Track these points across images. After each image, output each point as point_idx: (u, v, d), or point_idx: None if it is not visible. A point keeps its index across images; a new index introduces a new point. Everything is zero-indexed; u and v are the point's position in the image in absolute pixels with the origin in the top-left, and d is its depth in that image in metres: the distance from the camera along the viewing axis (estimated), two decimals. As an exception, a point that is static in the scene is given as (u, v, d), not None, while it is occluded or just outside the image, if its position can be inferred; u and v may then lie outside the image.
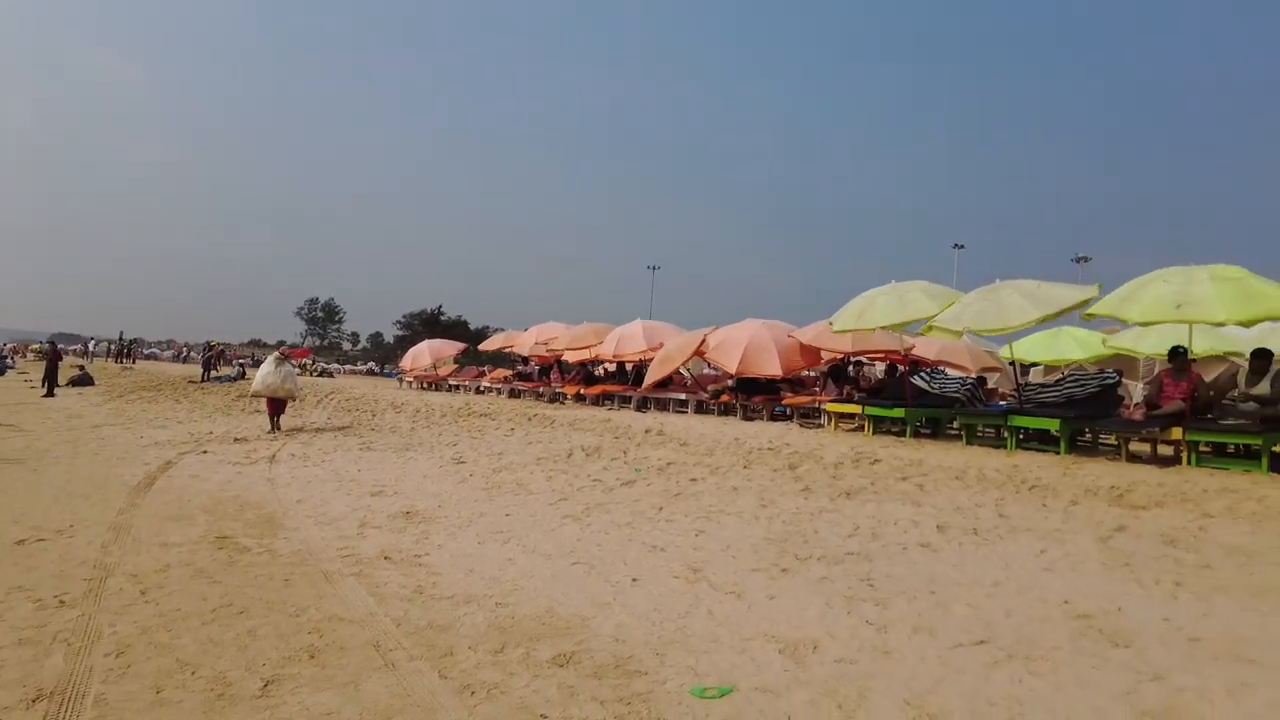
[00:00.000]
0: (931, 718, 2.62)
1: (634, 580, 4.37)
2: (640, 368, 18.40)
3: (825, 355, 15.27)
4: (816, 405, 13.84)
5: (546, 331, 22.35)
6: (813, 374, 16.94)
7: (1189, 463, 7.88)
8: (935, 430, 11.51)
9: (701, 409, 15.68)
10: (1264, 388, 7.96)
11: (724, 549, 5.04)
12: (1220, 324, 7.79)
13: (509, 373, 24.35)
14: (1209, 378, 9.47)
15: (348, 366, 58.28)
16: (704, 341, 16.31)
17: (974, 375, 14.05)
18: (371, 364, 64.64)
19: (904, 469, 7.75)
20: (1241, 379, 8.36)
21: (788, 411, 14.33)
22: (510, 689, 2.90)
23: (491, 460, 9.09)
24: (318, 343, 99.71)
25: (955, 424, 11.09)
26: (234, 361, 38.48)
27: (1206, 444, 8.39)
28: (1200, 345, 10.65)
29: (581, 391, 18.60)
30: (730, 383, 15.61)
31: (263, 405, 13.30)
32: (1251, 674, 2.99)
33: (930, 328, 10.54)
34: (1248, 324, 7.87)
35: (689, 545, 5.16)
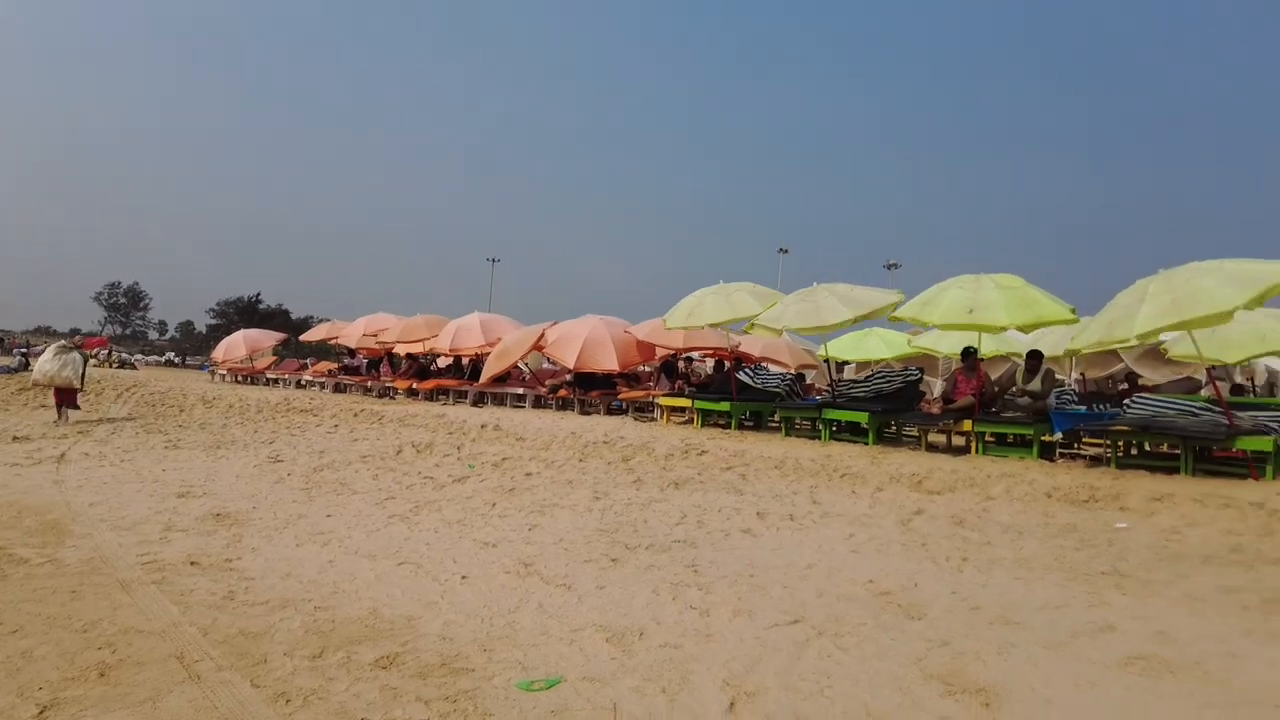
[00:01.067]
0: (749, 695, 2.77)
1: (463, 578, 4.30)
2: (477, 362, 18.05)
3: (659, 351, 15.69)
4: (650, 399, 14.19)
5: (376, 323, 21.37)
6: (647, 369, 17.34)
7: (977, 451, 8.78)
8: (758, 423, 12.13)
9: (539, 404, 15.64)
10: (1036, 385, 9.02)
11: (556, 542, 5.07)
12: (1003, 328, 8.76)
13: (334, 366, 23.09)
14: (994, 376, 10.61)
15: (153, 358, 53.12)
16: (542, 336, 16.28)
17: (793, 371, 14.90)
18: (171, 354, 59.33)
19: (729, 460, 8.11)
20: (1019, 377, 9.42)
21: (623, 406, 14.59)
22: (329, 694, 2.78)
23: (312, 459, 8.62)
24: (119, 331, 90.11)
25: (776, 417, 11.74)
26: (13, 350, 33.99)
27: (991, 434, 9.37)
28: (987, 347, 11.88)
29: (414, 386, 18.00)
30: (568, 377, 15.66)
31: (50, 398, 12.00)
32: (1016, 635, 3.40)
33: (754, 326, 11.11)
34: (1025, 329, 8.90)
35: (521, 540, 5.14)
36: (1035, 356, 9.29)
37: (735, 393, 11.55)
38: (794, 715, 2.62)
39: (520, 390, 16.43)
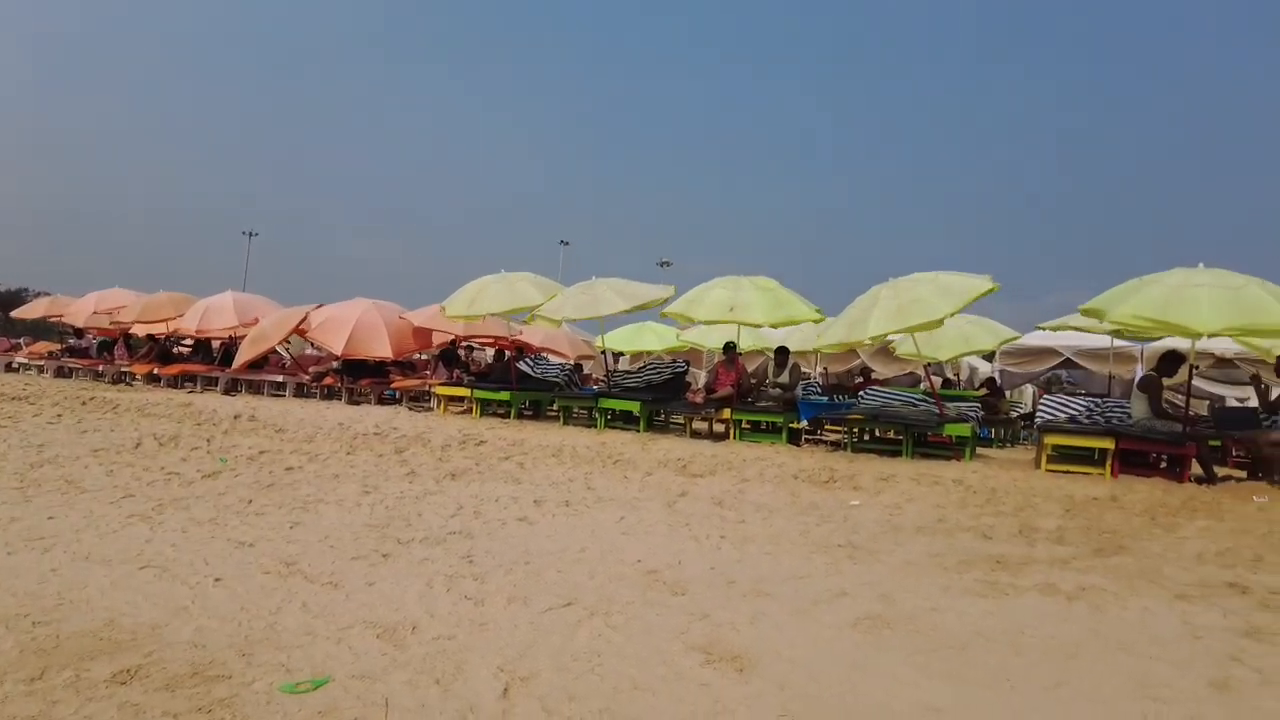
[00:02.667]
0: (523, 679, 2.84)
1: (217, 580, 3.97)
2: (230, 346, 16.49)
3: (437, 338, 15.29)
4: (427, 389, 13.81)
5: (110, 299, 18.82)
6: (424, 357, 16.85)
7: (735, 437, 9.51)
8: (537, 412, 12.26)
9: (302, 392, 14.65)
10: (784, 378, 9.95)
11: (322, 539, 4.82)
12: (760, 325, 9.56)
13: (56, 347, 20.02)
14: (751, 369, 11.52)
15: None
16: (305, 319, 15.24)
17: (572, 362, 15.20)
18: None
19: (507, 449, 8.14)
20: (770, 370, 10.33)
21: (397, 395, 14.07)
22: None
23: (28, 454, 7.47)
24: None
25: (555, 406, 11.93)
26: None
27: (748, 422, 10.19)
28: (745, 342, 12.87)
29: (155, 371, 16.12)
30: (335, 365, 14.81)
31: None
32: (766, 605, 3.77)
33: (535, 316, 11.21)
34: (778, 326, 9.78)
35: (283, 539, 4.83)
36: (782, 352, 10.25)
37: (515, 382, 11.57)
38: (566, 694, 2.72)
39: (280, 378, 15.29)
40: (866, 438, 9.92)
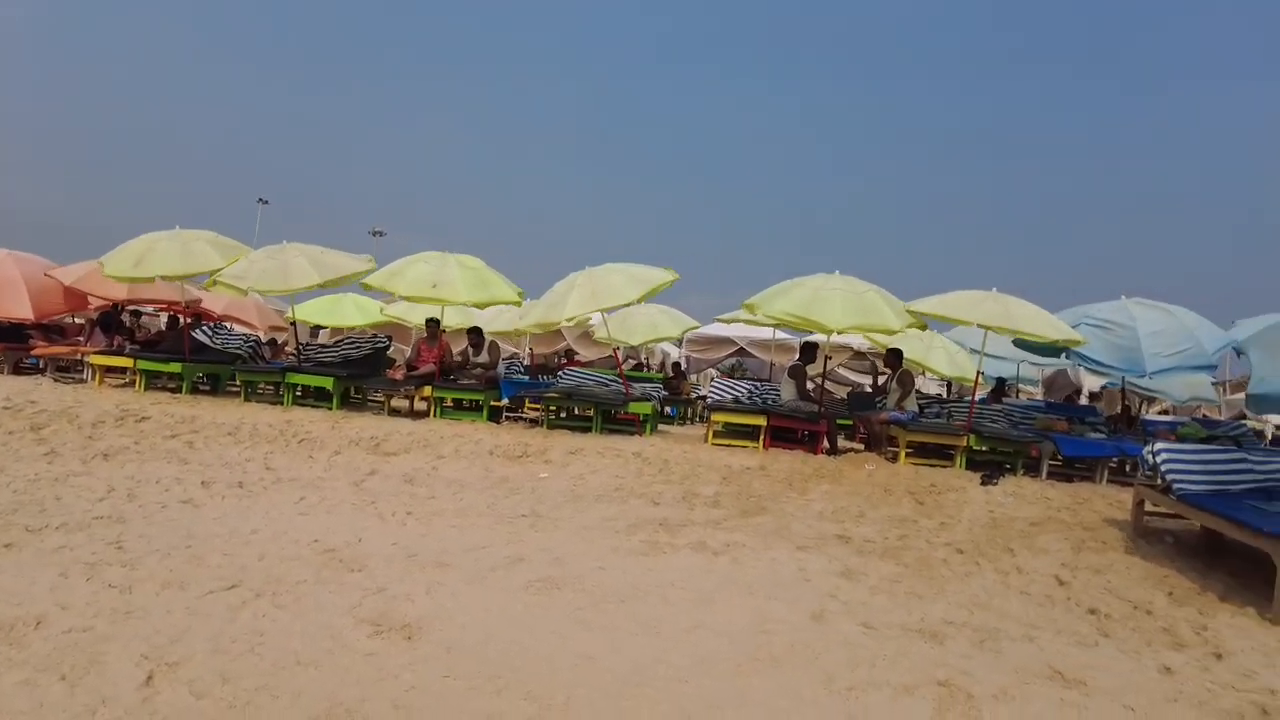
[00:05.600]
0: (171, 665, 2.70)
1: None
2: None
3: (94, 301, 13.19)
4: (79, 357, 11.94)
5: None
6: (78, 320, 14.46)
7: (435, 415, 9.48)
8: (215, 386, 11.16)
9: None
10: (484, 357, 10.13)
11: (-84, 532, 4.08)
12: (463, 304, 9.60)
13: None
14: (457, 348, 11.51)
15: None
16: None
17: (260, 332, 14.03)
18: None
19: (175, 426, 7.38)
20: (470, 351, 10.44)
21: (40, 363, 12.01)
22: None
23: None
24: None
25: (237, 380, 10.95)
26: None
27: (451, 400, 10.20)
28: (451, 320, 12.82)
29: None
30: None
31: None
32: (445, 575, 3.91)
33: (215, 282, 10.18)
34: (481, 306, 9.89)
35: None
36: (475, 332, 10.44)
37: (188, 353, 10.43)
38: (219, 676, 2.65)
39: None
40: (563, 415, 10.42)
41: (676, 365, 17.13)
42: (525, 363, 13.69)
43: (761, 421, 8.96)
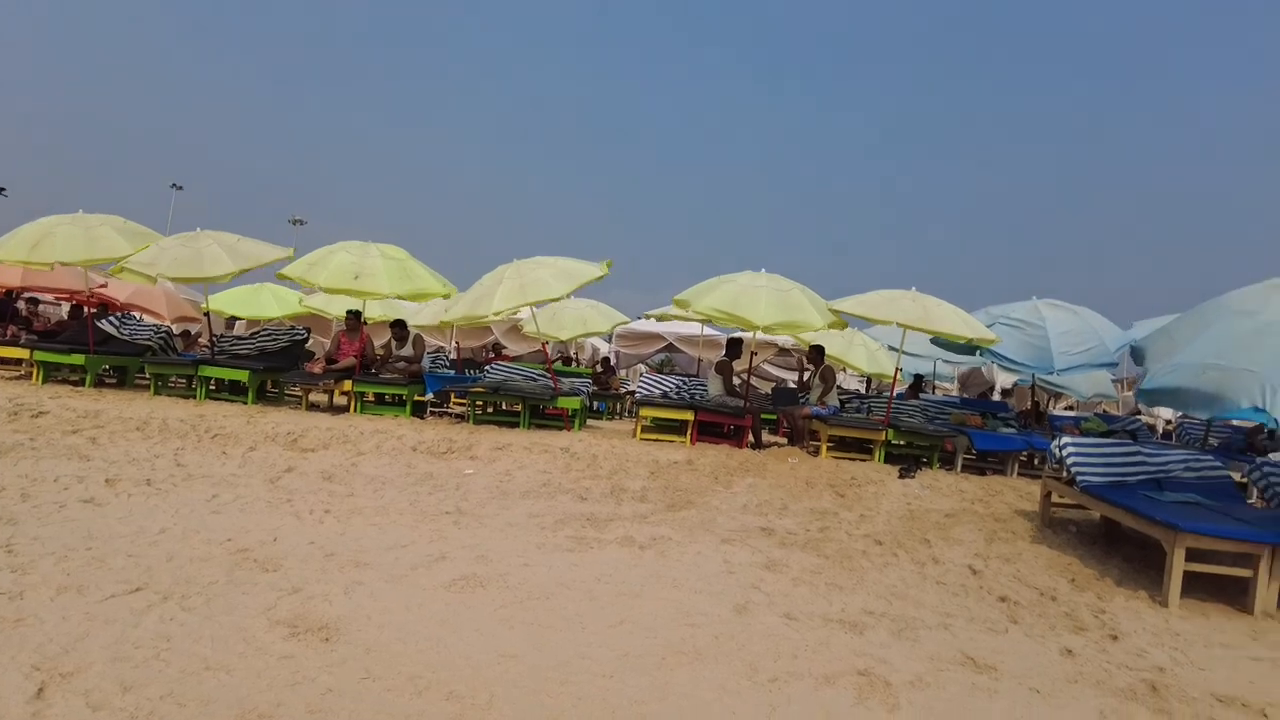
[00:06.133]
0: (65, 675, 2.56)
1: None
2: None
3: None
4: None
5: None
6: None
7: (356, 410, 9.22)
8: (123, 380, 10.61)
9: None
10: (408, 350, 9.90)
11: None
12: (386, 296, 9.36)
13: None
14: (380, 342, 11.23)
15: None
16: None
17: (169, 323, 13.42)
18: None
19: (76, 421, 6.99)
20: (392, 345, 10.20)
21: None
22: None
23: None
24: None
25: (146, 373, 10.43)
26: None
27: (372, 395, 9.93)
28: (375, 312, 12.50)
29: None
30: None
31: None
32: (364, 574, 3.82)
33: (122, 270, 9.67)
34: (406, 298, 9.66)
35: None
36: (399, 325, 10.20)
37: (93, 344, 9.88)
38: (120, 685, 2.52)
39: None
40: (490, 410, 10.27)
41: (606, 360, 17.12)
42: (451, 357, 13.46)
43: (689, 416, 9.03)
